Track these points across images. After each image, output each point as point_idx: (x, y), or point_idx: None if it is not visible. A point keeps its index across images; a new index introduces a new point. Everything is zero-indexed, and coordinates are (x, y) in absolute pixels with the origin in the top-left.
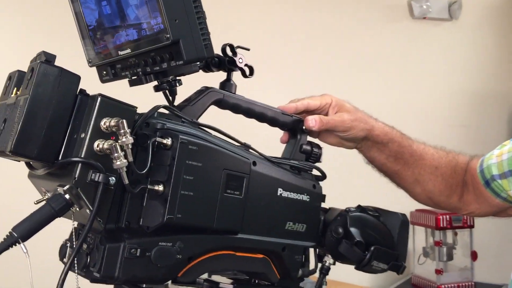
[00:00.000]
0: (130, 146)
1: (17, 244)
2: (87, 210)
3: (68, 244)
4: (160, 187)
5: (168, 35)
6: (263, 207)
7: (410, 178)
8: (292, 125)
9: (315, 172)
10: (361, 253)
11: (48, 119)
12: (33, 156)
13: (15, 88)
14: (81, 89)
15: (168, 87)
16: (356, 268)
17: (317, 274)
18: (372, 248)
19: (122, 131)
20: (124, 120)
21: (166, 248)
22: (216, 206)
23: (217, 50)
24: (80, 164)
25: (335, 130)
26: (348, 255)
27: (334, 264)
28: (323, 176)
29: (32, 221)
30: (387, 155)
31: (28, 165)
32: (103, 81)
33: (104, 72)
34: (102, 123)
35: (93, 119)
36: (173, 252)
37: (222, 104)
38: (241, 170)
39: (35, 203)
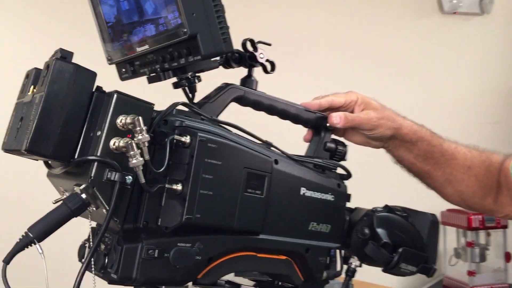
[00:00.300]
0: (146, 144)
1: (32, 244)
2: (104, 210)
3: (87, 245)
4: (179, 186)
5: (185, 30)
6: (285, 207)
7: (441, 178)
8: (315, 122)
9: (339, 171)
10: (388, 255)
11: (64, 116)
12: (49, 154)
13: (32, 86)
14: (97, 86)
15: (187, 84)
16: (384, 271)
17: (343, 276)
18: (400, 250)
19: (138, 128)
20: (140, 117)
21: (185, 249)
22: (237, 205)
23: (238, 46)
24: (96, 163)
25: (361, 128)
26: (374, 256)
27: (360, 266)
28: (348, 175)
29: (48, 221)
30: (416, 155)
31: (46, 164)
32: (122, 78)
33: (123, 70)
34: (118, 120)
35: (109, 116)
36: (192, 253)
37: (242, 101)
38: (262, 169)
39: (53, 203)
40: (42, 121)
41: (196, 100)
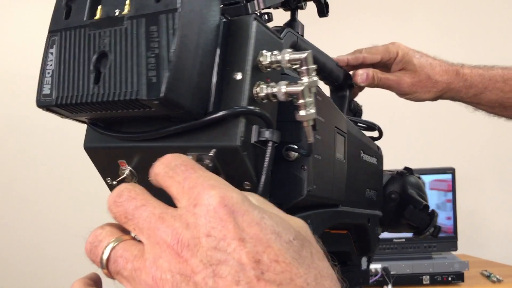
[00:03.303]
0: (314, 90)
1: None
2: (246, 185)
3: None
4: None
5: None
6: (352, 173)
7: None
8: (342, 79)
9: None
10: (428, 218)
11: (201, 51)
12: (187, 105)
13: (100, 6)
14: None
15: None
16: (416, 234)
17: None
18: (432, 212)
19: (305, 68)
20: (310, 52)
21: None
22: (333, 172)
23: None
24: (244, 118)
25: (392, 91)
26: (415, 221)
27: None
28: (380, 136)
29: None
30: (486, 106)
31: (96, 125)
32: None
33: None
34: (261, 58)
35: (250, 52)
36: None
37: (295, 49)
38: (343, 129)
39: (115, 184)
40: (181, 56)
41: None
